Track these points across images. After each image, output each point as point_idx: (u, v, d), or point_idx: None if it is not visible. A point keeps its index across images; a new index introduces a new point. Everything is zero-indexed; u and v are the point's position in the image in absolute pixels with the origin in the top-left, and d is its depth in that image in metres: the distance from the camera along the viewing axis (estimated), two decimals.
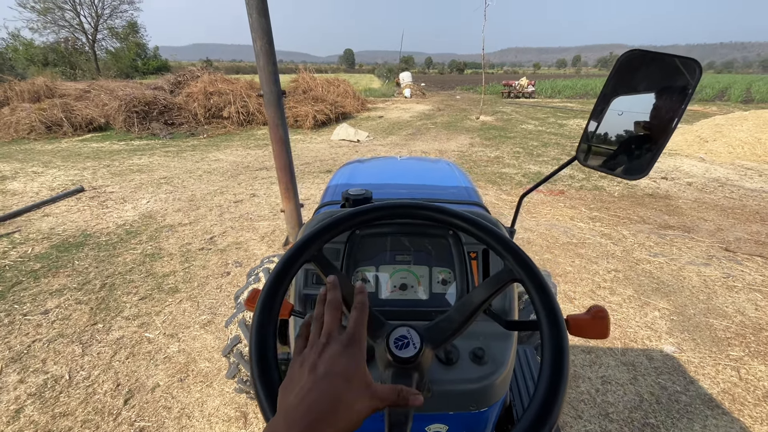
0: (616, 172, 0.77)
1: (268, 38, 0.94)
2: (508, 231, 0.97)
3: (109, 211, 4.39)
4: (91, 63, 34.71)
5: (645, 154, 0.72)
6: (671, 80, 0.68)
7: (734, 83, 24.97)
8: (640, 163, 0.73)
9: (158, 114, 9.90)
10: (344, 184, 1.17)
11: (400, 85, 22.95)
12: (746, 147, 7.10)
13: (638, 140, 0.74)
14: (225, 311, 2.58)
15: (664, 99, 0.70)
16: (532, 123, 11.40)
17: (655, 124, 0.72)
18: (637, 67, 0.73)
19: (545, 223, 4.03)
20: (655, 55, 0.69)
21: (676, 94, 0.68)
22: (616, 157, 0.78)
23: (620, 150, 0.78)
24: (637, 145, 0.74)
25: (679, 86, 0.67)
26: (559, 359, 0.43)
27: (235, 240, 3.64)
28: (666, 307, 2.66)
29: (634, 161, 0.74)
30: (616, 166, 0.78)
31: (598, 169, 0.81)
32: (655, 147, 0.70)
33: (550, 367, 0.43)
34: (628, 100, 0.74)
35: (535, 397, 0.41)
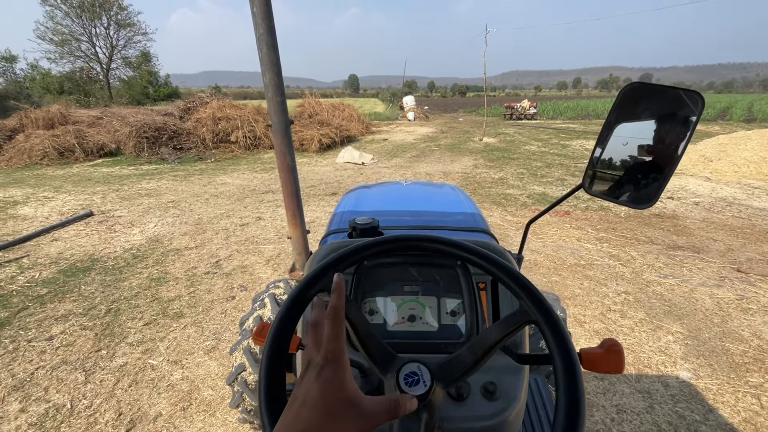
0: (623, 200, 0.77)
1: (277, 71, 0.97)
2: (515, 258, 0.96)
3: (116, 235, 4.44)
4: (104, 91, 35.88)
5: (652, 183, 0.72)
6: (674, 111, 0.69)
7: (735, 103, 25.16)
8: (647, 192, 0.73)
9: (168, 139, 10.13)
10: (350, 212, 1.17)
11: (403, 108, 23.41)
12: (752, 166, 7.07)
13: (644, 169, 0.75)
14: (230, 337, 2.55)
15: (668, 129, 0.71)
16: (535, 144, 11.50)
17: (660, 153, 0.72)
18: (639, 99, 0.74)
19: (552, 245, 4.00)
20: (657, 88, 0.70)
21: (679, 124, 0.69)
22: (622, 186, 0.78)
23: (627, 179, 0.78)
24: (644, 175, 0.74)
25: (682, 117, 0.68)
26: (574, 399, 0.42)
27: (241, 264, 3.65)
28: (679, 330, 2.59)
29: (641, 190, 0.74)
30: (622, 195, 0.78)
31: (605, 198, 0.81)
32: (662, 176, 0.70)
33: (565, 409, 0.41)
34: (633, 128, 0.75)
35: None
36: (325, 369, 0.39)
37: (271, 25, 0.94)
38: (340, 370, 0.40)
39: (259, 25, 0.93)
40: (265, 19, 0.92)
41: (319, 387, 0.38)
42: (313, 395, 0.38)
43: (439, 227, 1.01)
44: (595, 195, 0.83)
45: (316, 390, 0.38)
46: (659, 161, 0.72)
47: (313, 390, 0.38)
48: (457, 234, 1.00)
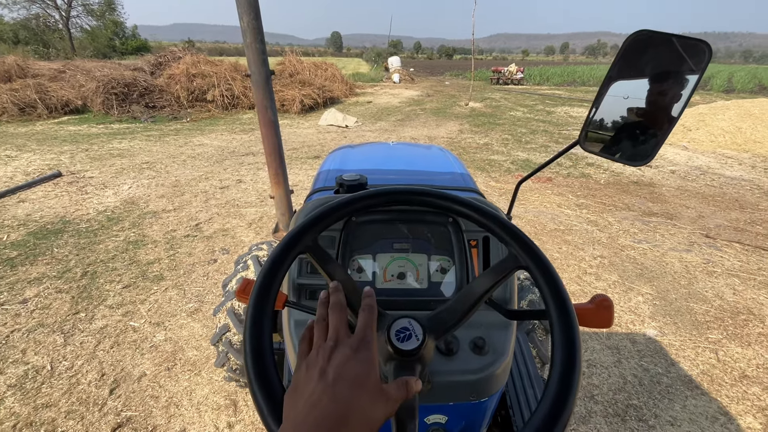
0: (619, 157, 0.76)
1: (256, 13, 0.88)
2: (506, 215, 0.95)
3: (88, 196, 4.25)
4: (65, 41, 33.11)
5: (649, 140, 0.71)
6: (679, 64, 0.67)
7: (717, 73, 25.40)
8: (644, 149, 0.71)
9: (138, 96, 9.54)
10: (336, 170, 1.13)
11: (388, 69, 22.64)
12: (727, 136, 7.25)
13: (642, 126, 0.73)
14: (212, 299, 2.54)
15: (671, 83, 0.69)
16: (520, 110, 11.41)
17: (660, 109, 0.70)
18: (644, 49, 0.71)
19: (533, 210, 4.07)
20: (663, 36, 0.67)
21: (683, 78, 0.66)
22: (619, 143, 0.77)
23: (623, 136, 0.76)
24: (641, 131, 0.73)
25: (686, 70, 0.65)
26: (571, 352, 0.42)
27: (222, 227, 3.57)
28: (649, 292, 2.73)
29: (637, 147, 0.73)
30: (618, 152, 0.76)
31: (600, 155, 0.80)
32: (660, 133, 0.69)
33: (562, 362, 0.41)
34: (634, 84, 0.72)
35: (548, 392, 0.40)
36: (363, 350, 0.40)
37: None
38: (374, 356, 0.40)
39: None
40: None
41: (358, 364, 0.38)
42: (350, 372, 0.37)
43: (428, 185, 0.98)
44: (591, 152, 0.81)
45: (355, 366, 0.38)
46: (658, 117, 0.70)
47: (351, 366, 0.38)
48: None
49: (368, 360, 0.39)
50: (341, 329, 0.43)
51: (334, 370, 0.37)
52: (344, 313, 0.45)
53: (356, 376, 0.37)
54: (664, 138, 0.68)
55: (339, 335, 0.42)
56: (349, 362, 0.38)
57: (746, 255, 3.26)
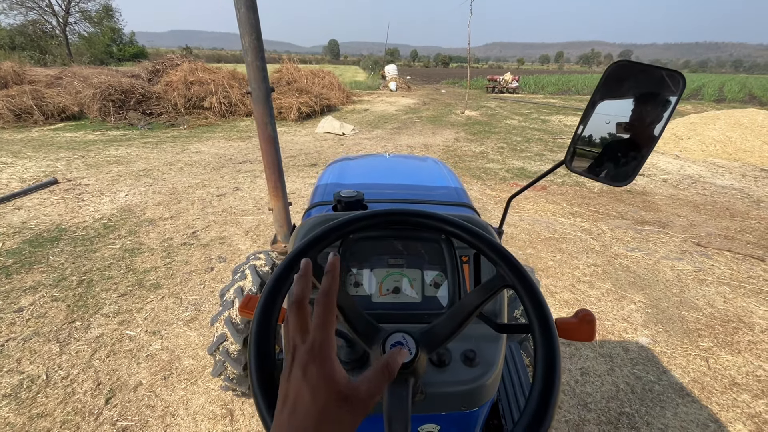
0: (602, 178, 0.79)
1: (257, 34, 0.92)
2: (496, 232, 0.99)
3: (85, 204, 4.24)
4: (62, 48, 33.12)
5: (630, 162, 0.75)
6: (657, 90, 0.71)
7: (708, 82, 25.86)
8: (625, 171, 0.75)
9: (136, 103, 9.56)
10: (334, 184, 1.16)
11: (385, 77, 22.84)
12: (718, 145, 7.38)
13: (624, 148, 0.77)
14: (209, 308, 2.54)
15: (650, 108, 0.73)
16: (516, 119, 11.54)
17: (639, 132, 0.74)
18: (625, 78, 0.75)
19: (528, 219, 4.12)
20: (642, 67, 0.71)
21: (660, 104, 0.70)
22: (602, 164, 0.81)
23: (606, 157, 0.80)
24: (623, 153, 0.77)
25: (664, 97, 0.69)
26: (551, 368, 0.45)
27: (219, 235, 3.58)
28: (642, 300, 2.77)
29: (619, 168, 0.77)
30: (602, 173, 0.80)
31: (585, 175, 0.83)
32: (640, 155, 0.73)
33: (542, 378, 0.44)
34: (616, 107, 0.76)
35: (528, 406, 0.43)
36: (311, 365, 0.36)
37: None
38: (327, 365, 0.36)
39: None
40: None
41: (308, 389, 0.35)
42: (303, 399, 0.35)
43: (423, 201, 1.01)
44: (577, 172, 0.85)
45: (305, 393, 0.35)
46: (638, 140, 0.74)
47: (302, 393, 0.35)
48: (440, 208, 1.02)
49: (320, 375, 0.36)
50: (297, 335, 0.38)
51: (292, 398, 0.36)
52: (302, 309, 0.39)
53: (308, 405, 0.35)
54: (644, 159, 0.72)
55: (295, 343, 0.38)
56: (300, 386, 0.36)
57: (737, 263, 3.31)
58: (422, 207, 1.00)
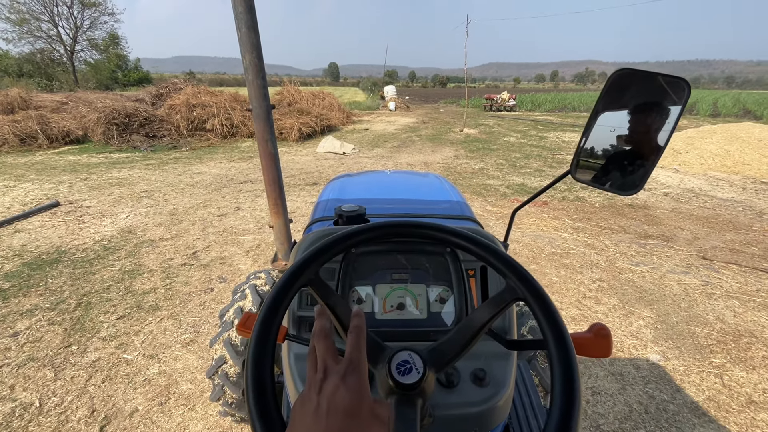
0: (609, 187, 0.78)
1: (258, 53, 0.92)
2: (502, 244, 0.97)
3: (86, 226, 4.24)
4: (68, 74, 33.92)
5: (638, 170, 0.73)
6: (661, 98, 0.70)
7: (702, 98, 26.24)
8: (632, 179, 0.74)
9: (139, 126, 9.71)
10: (335, 200, 1.15)
11: (384, 98, 23.23)
12: (717, 159, 7.41)
13: (630, 156, 0.76)
14: (209, 329, 2.49)
15: (655, 116, 0.72)
16: (514, 135, 11.66)
17: (645, 140, 0.73)
18: (627, 86, 0.75)
19: (530, 234, 4.09)
20: (644, 74, 0.71)
21: (666, 111, 0.70)
22: (608, 173, 0.79)
23: (613, 166, 0.79)
24: (630, 162, 0.75)
25: (668, 104, 0.69)
26: (570, 383, 0.42)
27: (219, 255, 3.56)
28: (650, 315, 2.71)
29: (626, 177, 0.75)
30: (608, 182, 0.79)
31: (591, 184, 0.82)
32: (647, 163, 0.71)
33: (561, 393, 0.41)
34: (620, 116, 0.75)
35: (549, 424, 0.40)
36: (350, 376, 0.39)
37: (251, 3, 0.89)
38: (364, 379, 0.40)
39: (238, 3, 0.88)
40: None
41: (348, 391, 0.38)
42: (341, 402, 0.37)
43: (425, 215, 1.00)
44: (582, 182, 0.83)
45: (345, 394, 0.38)
46: (644, 148, 0.73)
47: (341, 394, 0.38)
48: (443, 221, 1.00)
49: (358, 386, 0.39)
50: (328, 358, 0.42)
51: (326, 403, 0.37)
52: (329, 339, 0.44)
53: (347, 406, 0.37)
54: (651, 168, 0.71)
55: (327, 364, 0.41)
56: (338, 392, 0.38)
57: (744, 276, 3.26)
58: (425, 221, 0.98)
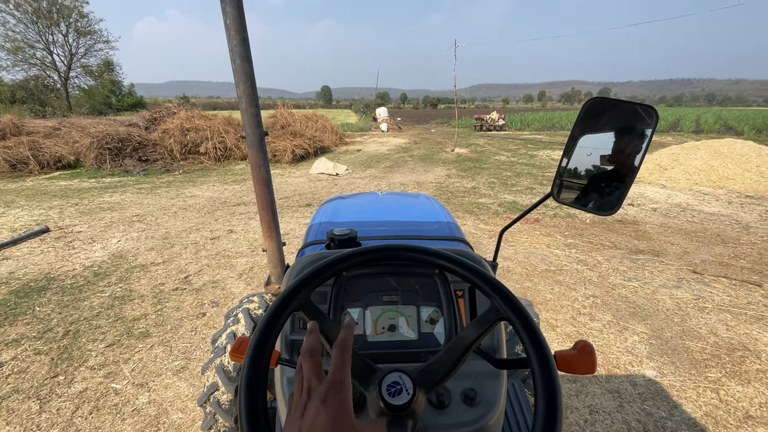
0: (589, 208, 0.81)
1: (251, 82, 0.96)
2: (490, 265, 0.98)
3: (75, 252, 4.18)
4: (62, 100, 34.09)
5: (614, 191, 0.77)
6: (632, 124, 0.74)
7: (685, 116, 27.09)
8: (610, 200, 0.77)
9: (132, 150, 9.73)
10: (327, 222, 1.17)
11: (377, 119, 23.63)
12: (702, 174, 7.60)
13: (607, 178, 0.79)
14: (200, 356, 2.44)
15: (627, 140, 0.76)
16: (504, 154, 11.87)
17: (621, 163, 0.77)
18: (600, 113, 0.79)
19: (523, 251, 4.12)
20: (615, 102, 0.75)
21: (638, 136, 0.74)
22: (588, 195, 0.83)
23: (592, 188, 0.82)
24: (607, 183, 0.79)
25: (639, 129, 0.73)
26: (552, 400, 0.43)
27: (212, 278, 3.52)
28: (644, 331, 2.72)
29: (605, 198, 0.79)
30: (588, 203, 0.82)
31: (572, 205, 0.85)
32: (623, 185, 0.75)
33: (544, 411, 0.43)
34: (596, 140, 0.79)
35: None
36: (332, 398, 0.39)
37: (245, 36, 0.93)
38: (346, 400, 0.39)
39: (233, 37, 0.92)
40: (239, 32, 0.91)
41: (328, 415, 0.37)
42: (320, 427, 0.37)
43: (416, 236, 1.02)
44: (564, 203, 0.86)
45: (325, 419, 0.37)
46: (620, 171, 0.77)
47: (321, 418, 0.37)
48: (433, 243, 1.02)
49: (339, 408, 0.38)
50: (312, 378, 0.41)
51: (307, 428, 0.37)
52: (316, 358, 0.43)
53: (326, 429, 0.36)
54: (627, 189, 0.74)
55: (311, 385, 0.41)
56: (319, 416, 0.37)
57: (734, 290, 3.30)
58: (415, 242, 1.00)
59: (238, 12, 0.91)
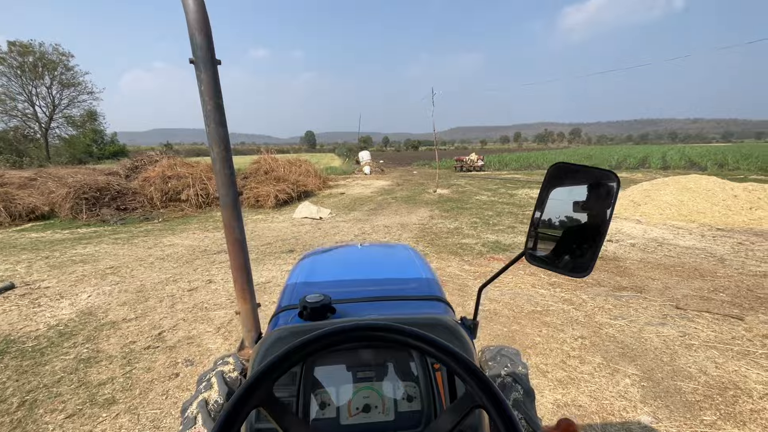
0: (562, 270, 0.81)
1: (225, 145, 0.96)
2: (470, 323, 0.96)
3: (41, 309, 3.94)
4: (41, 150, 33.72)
5: (586, 253, 0.77)
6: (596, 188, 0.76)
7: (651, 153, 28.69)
8: (582, 262, 0.77)
9: (110, 200, 9.56)
10: (303, 283, 1.13)
11: (360, 162, 24.14)
12: (673, 208, 7.92)
13: (580, 235, 0.80)
14: (171, 424, 2.25)
15: (592, 203, 0.77)
16: (485, 194, 12.17)
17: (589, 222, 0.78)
18: (564, 177, 0.81)
19: (509, 293, 4.09)
20: (578, 167, 0.78)
21: (602, 199, 0.75)
22: (560, 257, 0.83)
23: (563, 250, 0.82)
24: (578, 243, 0.79)
25: (603, 192, 0.75)
26: None
27: (187, 334, 3.34)
28: (635, 372, 2.67)
29: (577, 260, 0.79)
30: (561, 264, 0.82)
31: (545, 268, 0.85)
32: (593, 246, 0.75)
33: None
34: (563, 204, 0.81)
35: None
36: None
37: (219, 102, 0.94)
38: None
39: (207, 102, 0.93)
40: (213, 98, 0.93)
41: None
42: None
43: (393, 297, 0.99)
44: (537, 265, 0.86)
45: None
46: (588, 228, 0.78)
47: None
48: (411, 303, 0.99)
49: None
50: None
51: None
52: None
53: None
54: (597, 250, 0.75)
55: None
56: None
57: (718, 324, 3.32)
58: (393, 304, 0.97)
59: (213, 79, 0.93)
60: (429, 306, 0.98)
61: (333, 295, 0.89)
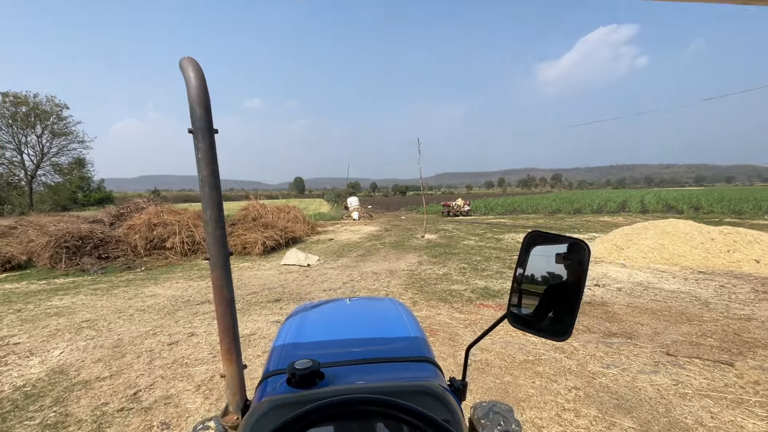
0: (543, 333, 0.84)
1: (218, 207, 1.00)
2: (459, 384, 0.96)
3: (8, 368, 3.69)
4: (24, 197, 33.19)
5: (564, 317, 0.81)
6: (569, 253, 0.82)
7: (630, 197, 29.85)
8: (562, 326, 0.81)
9: (92, 248, 9.33)
10: (291, 345, 1.13)
11: (348, 208, 24.38)
12: (655, 252, 8.11)
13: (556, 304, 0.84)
14: None
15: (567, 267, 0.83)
16: (472, 239, 12.30)
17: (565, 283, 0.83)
18: (541, 243, 0.87)
19: (500, 341, 4.03)
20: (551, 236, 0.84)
21: (575, 264, 0.81)
22: (541, 320, 0.86)
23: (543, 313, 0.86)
24: (556, 309, 0.83)
25: (576, 258, 0.80)
26: None
27: (165, 393, 3.15)
28: (632, 426, 2.60)
29: (557, 325, 0.82)
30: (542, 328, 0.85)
31: (527, 331, 0.88)
32: (571, 309, 0.79)
33: None
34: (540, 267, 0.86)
35: None
36: None
37: (215, 168, 0.99)
38: None
39: (203, 168, 0.98)
40: (209, 164, 0.98)
41: None
42: None
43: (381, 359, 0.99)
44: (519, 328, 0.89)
45: None
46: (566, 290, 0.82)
47: None
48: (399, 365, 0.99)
49: None
50: None
51: None
52: None
53: None
54: (575, 314, 0.79)
55: None
56: None
57: (709, 371, 3.30)
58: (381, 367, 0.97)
59: (210, 148, 0.99)
60: (417, 369, 0.98)
61: (321, 358, 0.89)
